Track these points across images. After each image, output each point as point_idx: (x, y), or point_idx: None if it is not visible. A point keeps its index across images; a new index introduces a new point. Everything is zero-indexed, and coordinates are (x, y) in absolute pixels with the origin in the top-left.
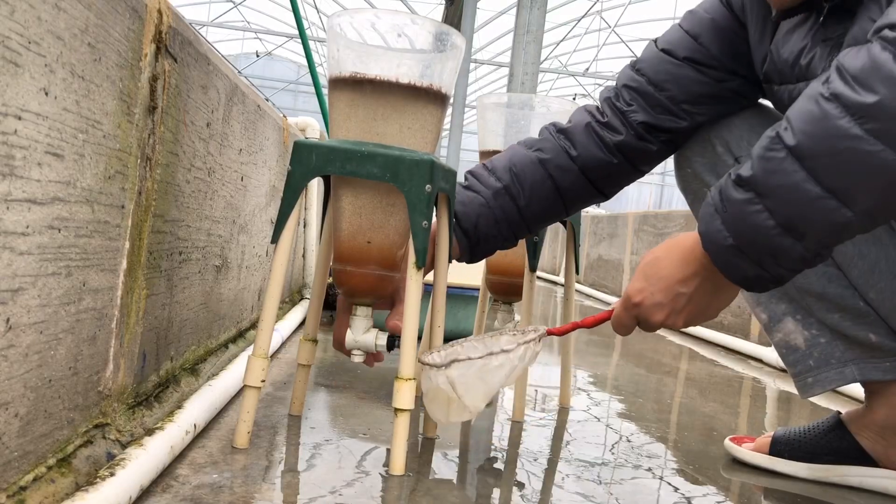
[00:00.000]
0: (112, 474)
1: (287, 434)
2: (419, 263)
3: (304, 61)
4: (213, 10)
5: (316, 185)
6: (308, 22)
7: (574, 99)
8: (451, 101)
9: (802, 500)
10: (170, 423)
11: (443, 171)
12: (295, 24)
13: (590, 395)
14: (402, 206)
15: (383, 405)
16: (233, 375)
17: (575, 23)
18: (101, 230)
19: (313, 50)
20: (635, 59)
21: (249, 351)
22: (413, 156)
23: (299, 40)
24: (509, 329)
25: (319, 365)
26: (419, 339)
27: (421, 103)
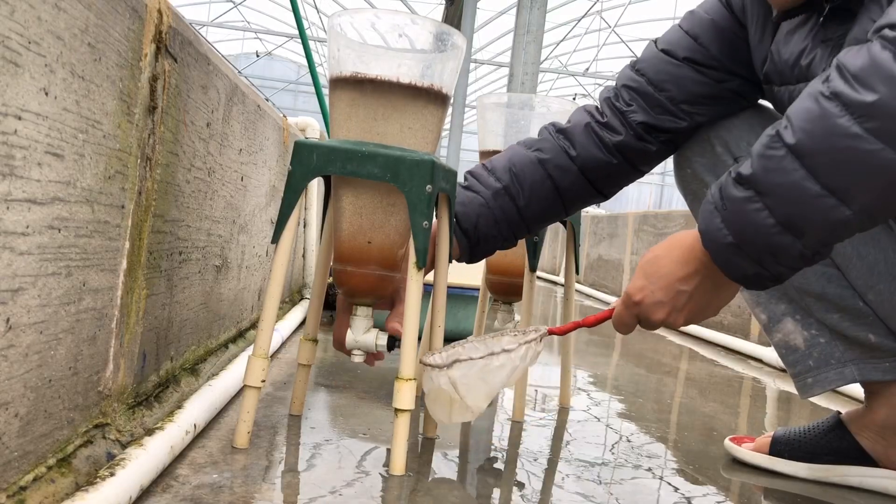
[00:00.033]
0: (112, 474)
1: (287, 434)
2: (420, 263)
3: (304, 61)
4: (213, 10)
5: (316, 185)
6: (308, 22)
7: (574, 99)
8: (452, 101)
9: (802, 500)
10: (170, 423)
11: (443, 171)
12: (295, 24)
13: (590, 395)
14: (403, 206)
15: (383, 405)
16: (233, 375)
17: (575, 23)
18: (101, 230)
19: (313, 50)
20: (635, 59)
21: (249, 351)
22: (414, 156)
23: (299, 40)
24: (510, 329)
25: (319, 365)
26: (419, 339)
27: (421, 103)
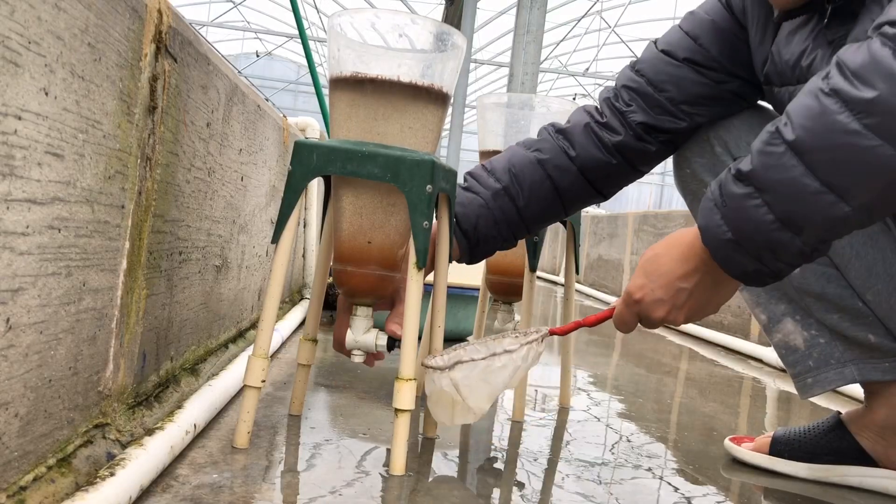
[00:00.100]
0: (112, 474)
1: (287, 434)
2: (420, 264)
3: (304, 61)
4: (213, 10)
5: (316, 185)
6: (308, 22)
7: (574, 99)
8: (452, 101)
9: (802, 500)
10: (170, 423)
11: (443, 171)
12: (295, 24)
13: (590, 395)
14: (403, 206)
15: (383, 405)
16: (233, 375)
17: (575, 23)
18: (101, 230)
19: (313, 50)
20: (635, 59)
21: (249, 351)
22: (414, 156)
23: (299, 40)
24: (511, 331)
25: (319, 365)
26: (419, 339)
27: (422, 103)
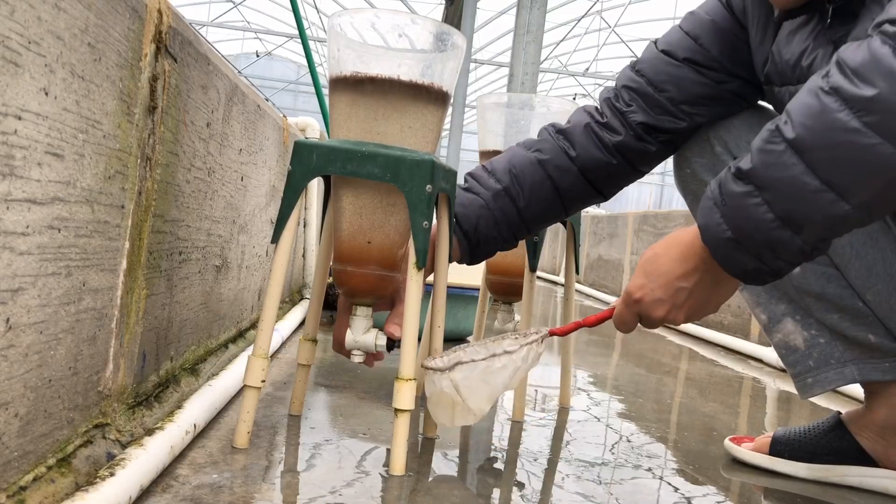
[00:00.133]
0: (112, 474)
1: (287, 434)
2: (420, 264)
3: (304, 61)
4: (213, 10)
5: (316, 185)
6: (308, 22)
7: (574, 99)
8: (452, 101)
9: (802, 500)
10: (170, 423)
11: (443, 171)
12: (295, 24)
13: (590, 395)
14: (403, 206)
15: (383, 405)
16: (233, 375)
17: (575, 23)
18: (101, 230)
19: (313, 50)
20: (635, 59)
21: (249, 351)
22: (414, 156)
23: (299, 40)
24: (511, 332)
25: (319, 365)
26: (419, 339)
27: (422, 103)
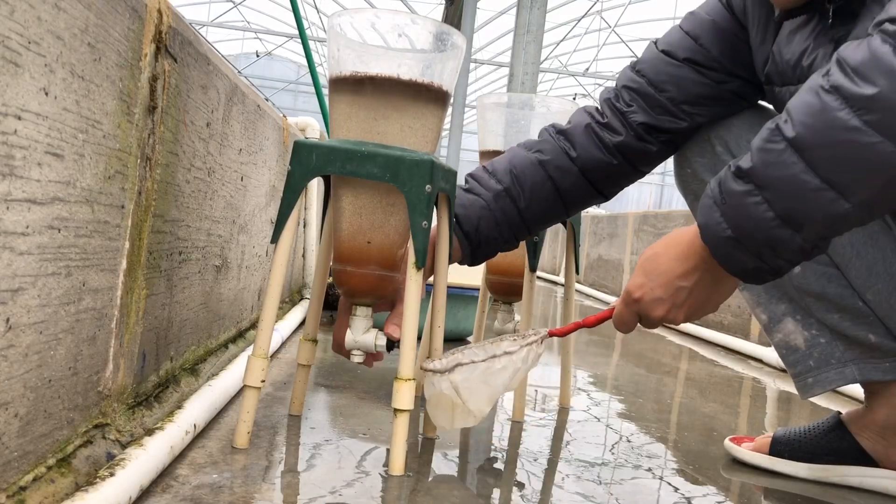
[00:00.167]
0: (112, 474)
1: (287, 434)
2: (419, 264)
3: (304, 61)
4: (213, 10)
5: (316, 185)
6: (308, 22)
7: (574, 99)
8: (452, 101)
9: (802, 500)
10: (170, 423)
11: (443, 171)
12: (295, 24)
13: (590, 395)
14: (403, 206)
15: (383, 405)
16: (233, 375)
17: (575, 23)
18: (101, 230)
19: (313, 50)
20: (635, 60)
21: (249, 351)
22: (413, 156)
23: (299, 40)
24: (509, 333)
25: (319, 365)
26: (419, 339)
27: (422, 103)
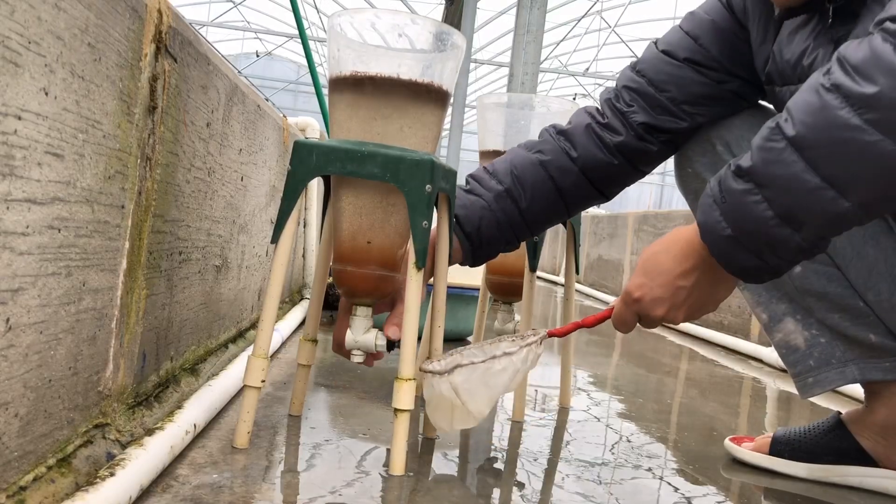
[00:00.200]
0: (112, 474)
1: (287, 434)
2: (419, 264)
3: (304, 61)
4: (213, 10)
5: (316, 185)
6: (308, 22)
7: (574, 99)
8: (452, 100)
9: (802, 500)
10: (170, 423)
11: (443, 170)
12: (295, 24)
13: (590, 395)
14: (403, 206)
15: (383, 405)
16: (233, 375)
17: (575, 23)
18: (101, 230)
19: (313, 50)
20: (636, 60)
21: (249, 351)
22: (413, 156)
23: (299, 40)
24: (507, 334)
25: (319, 365)
26: (419, 339)
27: (422, 102)
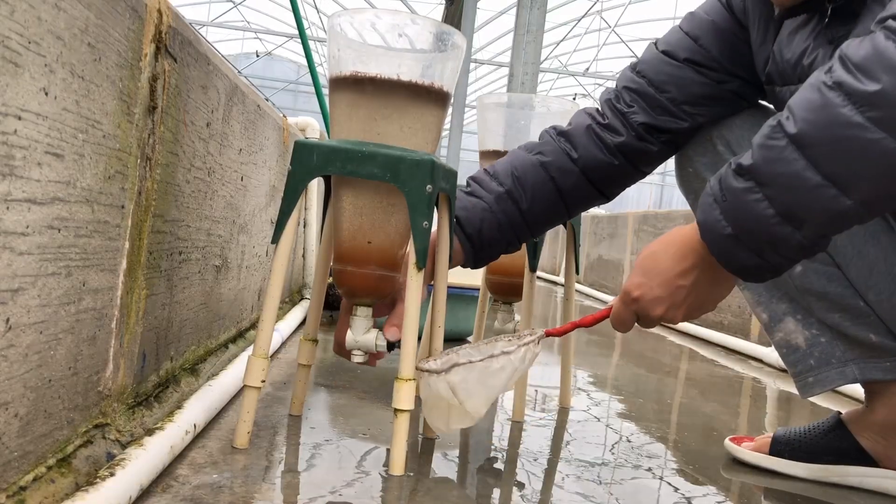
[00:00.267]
0: (112, 474)
1: (287, 434)
2: (420, 264)
3: (304, 61)
4: (213, 10)
5: (316, 185)
6: (308, 22)
7: (574, 99)
8: (452, 101)
9: (802, 500)
10: (170, 423)
11: (443, 171)
12: (295, 24)
13: (590, 395)
14: (403, 207)
15: (383, 405)
16: (233, 375)
17: (575, 23)
18: (101, 230)
19: (313, 50)
20: (636, 60)
21: (249, 351)
22: (414, 156)
23: (299, 40)
24: (505, 335)
25: (319, 365)
26: (420, 339)
27: (422, 103)
